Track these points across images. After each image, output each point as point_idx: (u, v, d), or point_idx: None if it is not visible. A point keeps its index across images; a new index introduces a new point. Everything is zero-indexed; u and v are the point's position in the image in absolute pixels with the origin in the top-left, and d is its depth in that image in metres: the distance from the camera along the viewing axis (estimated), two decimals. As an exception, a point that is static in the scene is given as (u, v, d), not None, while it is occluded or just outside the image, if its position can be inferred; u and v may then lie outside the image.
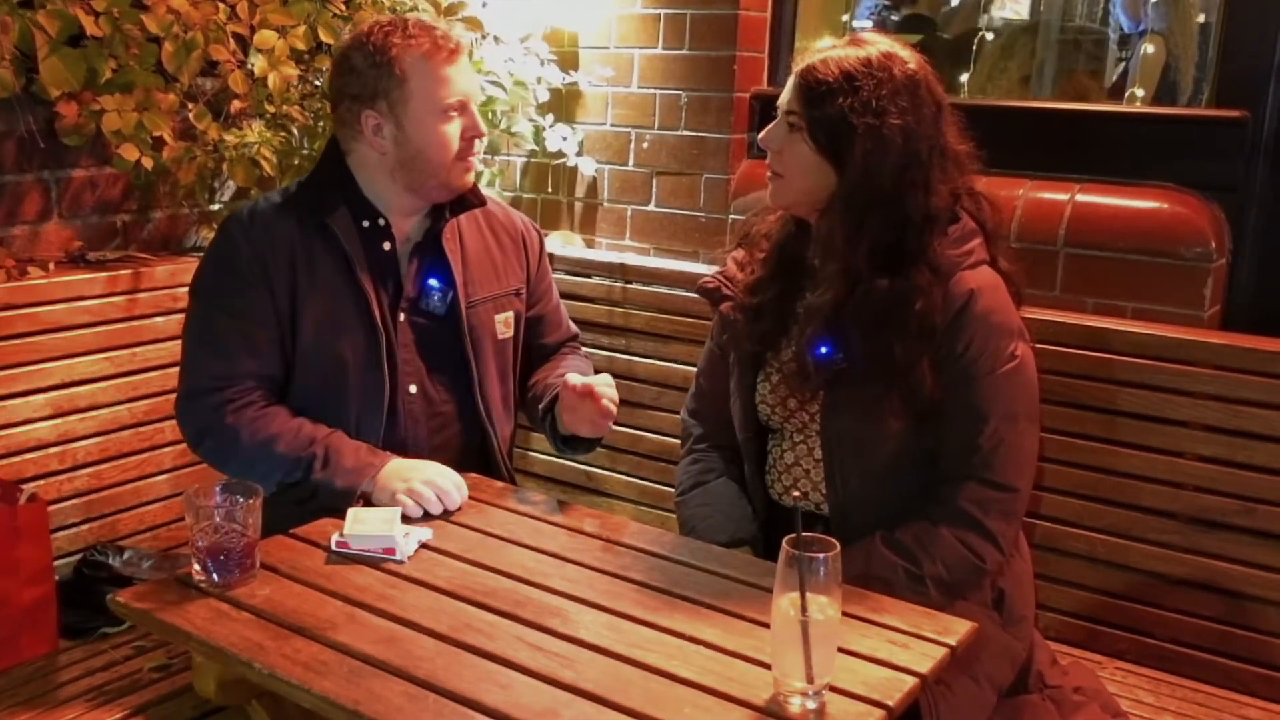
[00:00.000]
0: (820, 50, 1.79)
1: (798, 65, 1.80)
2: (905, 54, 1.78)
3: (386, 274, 1.99)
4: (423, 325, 2.02)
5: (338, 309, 1.94)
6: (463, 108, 1.94)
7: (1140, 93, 3.53)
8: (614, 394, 1.91)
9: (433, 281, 2.02)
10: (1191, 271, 2.38)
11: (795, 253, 1.89)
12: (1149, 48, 3.59)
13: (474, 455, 2.08)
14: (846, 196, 1.76)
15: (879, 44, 1.78)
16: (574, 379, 1.90)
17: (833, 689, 1.34)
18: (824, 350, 1.79)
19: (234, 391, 1.90)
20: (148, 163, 2.38)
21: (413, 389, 2.01)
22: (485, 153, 3.18)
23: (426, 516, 1.80)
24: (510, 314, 2.12)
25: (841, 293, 1.77)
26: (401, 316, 2.00)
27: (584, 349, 2.33)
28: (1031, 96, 3.83)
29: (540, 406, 2.09)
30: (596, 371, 2.23)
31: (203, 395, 1.91)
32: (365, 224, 1.98)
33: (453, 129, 1.93)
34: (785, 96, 1.81)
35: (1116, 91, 3.76)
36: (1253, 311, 2.45)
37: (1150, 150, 2.52)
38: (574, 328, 2.30)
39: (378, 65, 1.91)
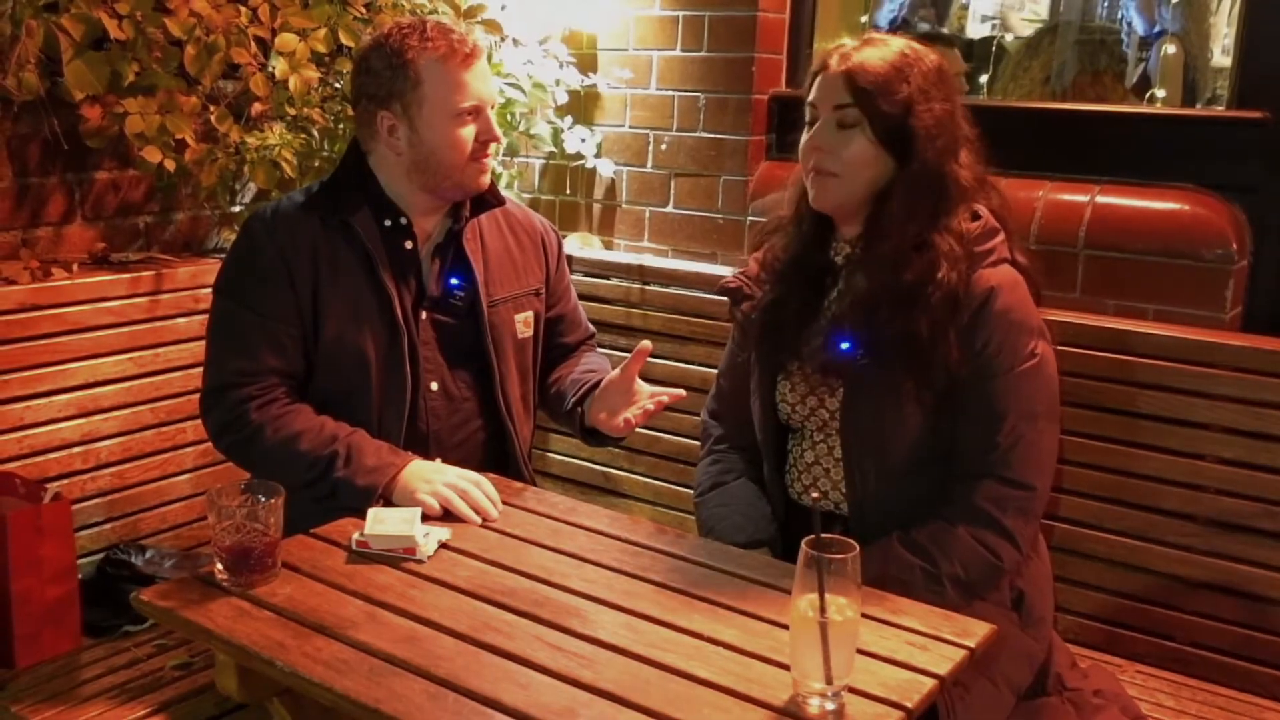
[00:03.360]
0: (848, 49, 1.81)
1: (833, 67, 1.80)
2: (922, 47, 1.84)
3: (408, 272, 2.01)
4: (444, 324, 2.04)
5: (360, 307, 1.96)
6: (477, 112, 1.95)
7: (1161, 93, 3.52)
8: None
9: (454, 280, 2.04)
10: (1212, 273, 2.37)
11: (816, 252, 1.90)
12: (1169, 48, 3.58)
13: (494, 453, 2.10)
14: (909, 182, 1.79)
15: (897, 41, 1.83)
16: (660, 395, 1.92)
17: (851, 690, 1.34)
18: (845, 346, 1.79)
19: (257, 388, 1.92)
20: (170, 165, 2.40)
21: (434, 386, 2.02)
22: (504, 154, 3.19)
23: (447, 516, 1.81)
24: (530, 313, 2.13)
25: (885, 276, 1.78)
26: (423, 315, 2.02)
27: (602, 350, 2.34)
28: (1051, 98, 3.82)
29: (571, 397, 2.10)
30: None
31: (226, 391, 1.93)
32: (387, 223, 2.00)
33: (466, 133, 1.94)
34: (830, 96, 1.81)
35: (1135, 92, 3.75)
36: (1274, 313, 2.43)
37: (1170, 151, 2.51)
38: (590, 327, 2.31)
39: (394, 67, 1.92)
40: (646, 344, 1.90)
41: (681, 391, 1.94)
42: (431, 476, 1.84)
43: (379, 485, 1.82)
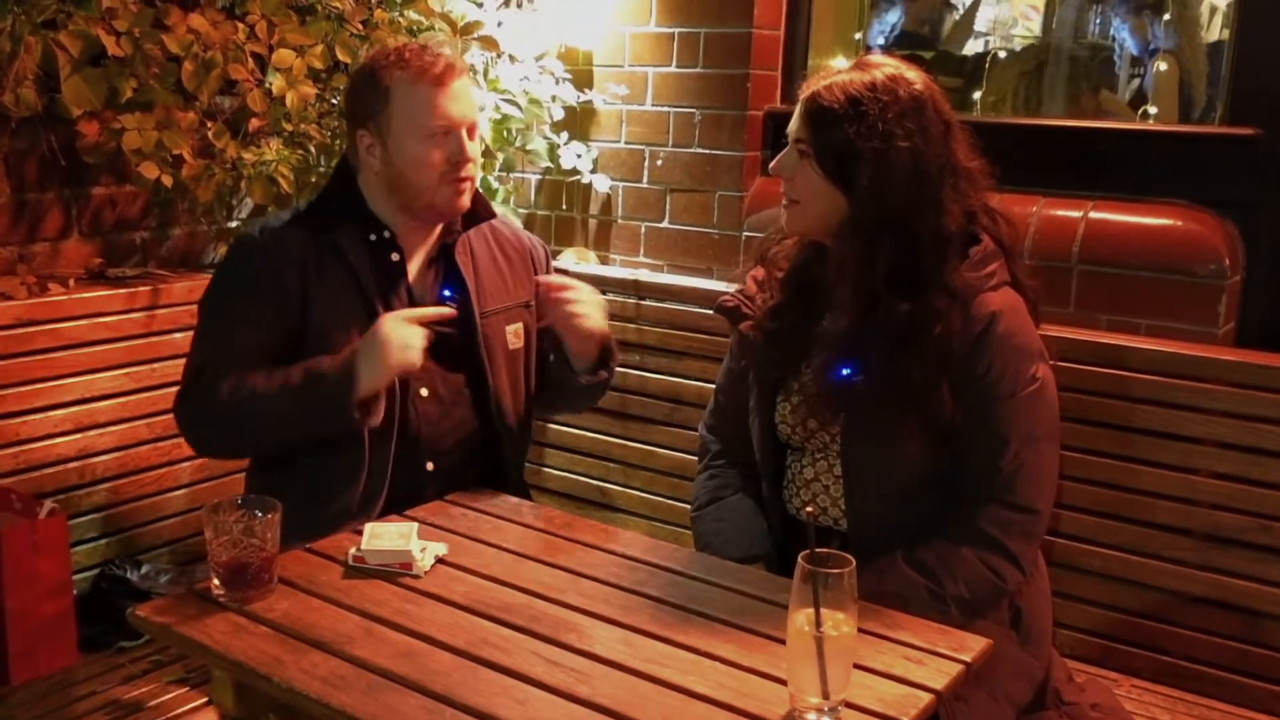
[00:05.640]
0: (826, 75, 1.80)
1: (804, 92, 1.81)
2: (911, 75, 1.78)
3: (396, 283, 2.03)
4: (438, 334, 2.05)
5: (347, 319, 1.97)
6: (446, 133, 1.95)
7: (1154, 110, 3.54)
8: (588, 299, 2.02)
9: (446, 292, 2.07)
10: (1205, 288, 2.38)
11: (813, 275, 1.90)
12: (1161, 65, 3.60)
13: (487, 461, 2.11)
14: (856, 220, 1.77)
15: (885, 67, 1.78)
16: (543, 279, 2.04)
17: (848, 705, 1.34)
18: (845, 372, 1.79)
19: (219, 375, 1.91)
20: (167, 180, 2.41)
21: (424, 392, 2.03)
22: (500, 169, 3.20)
23: (441, 531, 1.81)
24: (520, 325, 2.16)
25: (856, 316, 1.77)
26: None
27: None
28: (1044, 114, 3.84)
29: (549, 359, 2.17)
30: (610, 388, 2.26)
31: (192, 386, 1.94)
32: (372, 237, 2.02)
33: (435, 153, 1.95)
34: (794, 124, 1.81)
35: (1130, 108, 3.77)
36: (1267, 328, 2.45)
37: (1163, 167, 2.53)
38: None
39: (371, 87, 1.96)
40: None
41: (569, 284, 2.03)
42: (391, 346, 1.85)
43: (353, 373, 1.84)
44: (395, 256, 2.02)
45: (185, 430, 2.00)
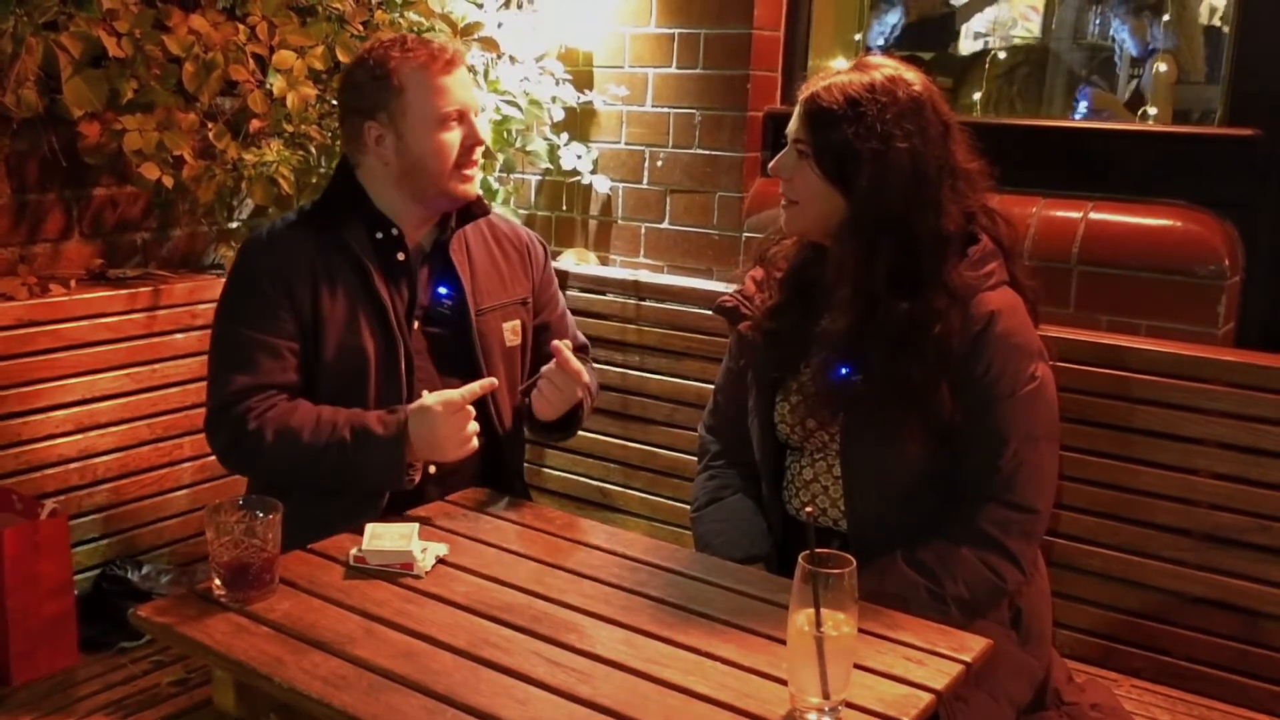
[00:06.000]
0: (825, 76, 1.81)
1: (804, 93, 1.81)
2: (910, 75, 1.79)
3: (401, 283, 2.03)
4: (435, 333, 2.07)
5: (358, 319, 1.97)
6: (460, 117, 1.99)
7: (1153, 111, 3.54)
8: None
9: (442, 290, 2.07)
10: (1205, 289, 2.38)
11: (812, 276, 1.90)
12: (1160, 66, 3.61)
13: (489, 462, 2.11)
14: (855, 221, 1.77)
15: (884, 68, 1.79)
16: (558, 344, 1.99)
17: (849, 705, 1.34)
18: (844, 372, 1.79)
19: (256, 400, 1.92)
20: (168, 181, 2.41)
21: (427, 394, 2.03)
22: (501, 170, 3.20)
23: (442, 531, 1.81)
24: (517, 322, 2.16)
25: (856, 316, 1.78)
26: (415, 325, 2.04)
27: (598, 365, 2.34)
28: (1044, 114, 3.85)
29: (520, 391, 2.15)
30: (610, 388, 2.26)
31: (229, 409, 1.93)
32: (379, 235, 2.02)
33: (451, 138, 1.97)
34: (793, 125, 1.82)
35: (1130, 109, 3.78)
36: (1266, 329, 2.45)
37: (1163, 168, 2.53)
38: (582, 338, 2.32)
39: (377, 79, 1.97)
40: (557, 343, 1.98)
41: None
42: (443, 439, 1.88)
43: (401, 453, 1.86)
44: (401, 256, 2.03)
45: (219, 454, 2.02)
